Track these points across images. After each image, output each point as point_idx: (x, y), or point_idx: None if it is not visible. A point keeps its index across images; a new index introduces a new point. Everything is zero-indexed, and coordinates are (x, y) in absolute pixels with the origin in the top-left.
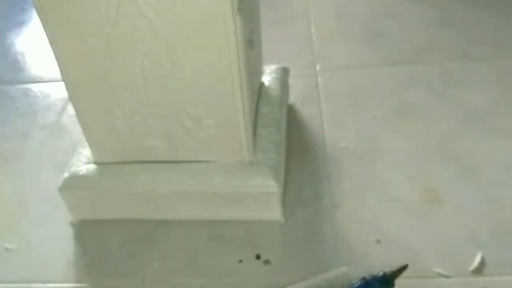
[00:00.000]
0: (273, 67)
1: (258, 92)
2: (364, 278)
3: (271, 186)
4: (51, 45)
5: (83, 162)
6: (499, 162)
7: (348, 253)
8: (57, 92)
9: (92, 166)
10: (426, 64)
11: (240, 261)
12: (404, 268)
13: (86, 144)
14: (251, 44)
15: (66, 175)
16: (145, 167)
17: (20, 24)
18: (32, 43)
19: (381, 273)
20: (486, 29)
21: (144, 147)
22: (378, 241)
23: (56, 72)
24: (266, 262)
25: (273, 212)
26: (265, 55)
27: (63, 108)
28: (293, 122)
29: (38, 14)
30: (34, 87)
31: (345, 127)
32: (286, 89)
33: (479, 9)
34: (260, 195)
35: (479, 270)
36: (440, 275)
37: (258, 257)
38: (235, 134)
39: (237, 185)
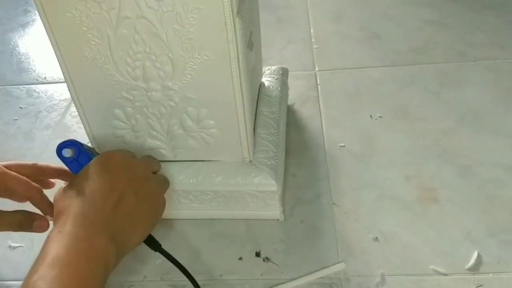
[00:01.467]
0: (273, 67)
1: (258, 92)
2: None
3: (271, 185)
4: (53, 47)
5: None
6: (495, 162)
7: (346, 251)
8: (61, 92)
9: None
10: (423, 65)
11: (240, 259)
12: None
13: (90, 144)
14: (251, 46)
15: None
16: None
17: (23, 25)
18: (36, 44)
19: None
20: (483, 31)
21: (145, 147)
22: (376, 239)
23: (59, 73)
24: (266, 259)
25: (273, 211)
26: (264, 56)
27: (67, 108)
28: (292, 122)
29: (40, 16)
30: (37, 87)
31: (343, 127)
32: (285, 90)
33: (476, 11)
34: (260, 194)
35: (476, 267)
36: (436, 272)
37: (258, 254)
38: (236, 134)
39: (237, 184)
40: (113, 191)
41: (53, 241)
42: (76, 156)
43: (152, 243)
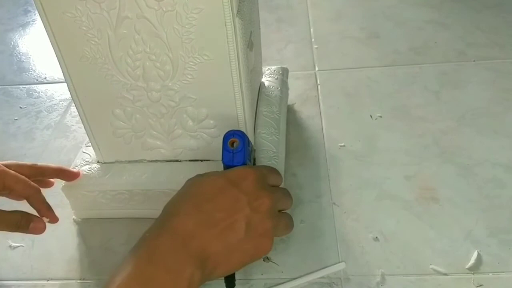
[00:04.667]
0: (273, 67)
1: (258, 92)
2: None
3: None
4: (53, 47)
5: (86, 161)
6: (495, 162)
7: (346, 250)
8: (61, 92)
9: (95, 166)
10: (423, 65)
11: None
12: None
13: (90, 144)
14: (251, 46)
15: None
16: (147, 167)
17: (23, 25)
18: (36, 44)
19: None
20: (483, 30)
21: (146, 147)
22: (376, 239)
23: (59, 73)
24: (266, 259)
25: None
26: (264, 56)
27: (67, 108)
28: (292, 122)
29: (40, 16)
30: (37, 87)
31: (343, 127)
32: (285, 89)
33: (476, 10)
34: None
35: (476, 267)
36: (436, 272)
37: None
38: None
39: None
40: (228, 216)
41: (143, 254)
42: (237, 150)
43: (230, 280)
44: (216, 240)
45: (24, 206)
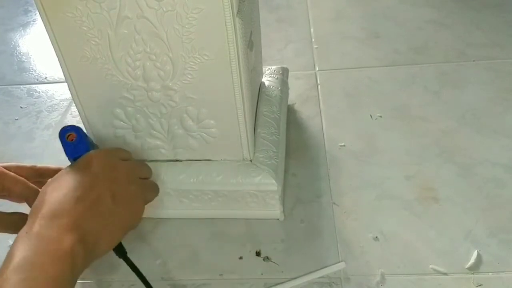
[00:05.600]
0: (273, 67)
1: (258, 92)
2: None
3: (271, 184)
4: (54, 47)
5: None
6: (495, 161)
7: (346, 250)
8: (61, 92)
9: None
10: (423, 65)
11: (241, 258)
12: None
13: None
14: (251, 45)
15: None
16: None
17: (24, 25)
18: (36, 44)
19: None
20: (482, 30)
21: (146, 147)
22: (376, 238)
23: (60, 73)
24: (266, 258)
25: (273, 210)
26: (264, 56)
27: (67, 108)
28: (292, 121)
29: (41, 16)
30: (38, 87)
31: (343, 127)
32: (286, 89)
33: (476, 10)
34: (260, 194)
35: (475, 267)
36: (436, 271)
37: (258, 254)
38: (236, 133)
39: (238, 183)
40: (90, 192)
41: (20, 243)
42: (76, 141)
43: (119, 249)
44: (87, 215)
45: (24, 207)
